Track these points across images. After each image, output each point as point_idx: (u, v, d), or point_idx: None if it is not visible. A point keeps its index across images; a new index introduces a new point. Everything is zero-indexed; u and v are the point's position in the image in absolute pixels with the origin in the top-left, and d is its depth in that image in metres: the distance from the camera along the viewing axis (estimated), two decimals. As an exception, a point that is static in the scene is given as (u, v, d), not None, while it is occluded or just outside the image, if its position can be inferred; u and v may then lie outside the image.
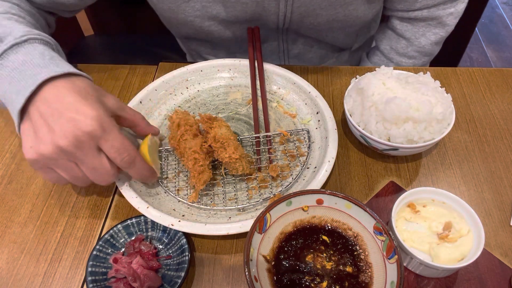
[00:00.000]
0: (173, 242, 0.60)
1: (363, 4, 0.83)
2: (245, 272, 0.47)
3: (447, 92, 0.70)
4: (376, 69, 0.72)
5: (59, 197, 0.67)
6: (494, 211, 0.64)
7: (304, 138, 0.73)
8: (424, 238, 0.57)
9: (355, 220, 0.55)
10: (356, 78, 0.73)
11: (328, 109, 0.73)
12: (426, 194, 0.60)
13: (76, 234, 0.63)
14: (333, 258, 0.54)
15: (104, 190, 0.68)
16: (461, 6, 0.89)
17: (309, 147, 0.71)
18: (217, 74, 0.83)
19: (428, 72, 0.71)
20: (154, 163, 0.64)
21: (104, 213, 0.65)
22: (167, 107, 0.79)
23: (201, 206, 0.64)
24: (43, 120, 0.53)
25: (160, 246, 0.60)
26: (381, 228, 0.52)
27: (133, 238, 0.60)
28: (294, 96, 0.79)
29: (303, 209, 0.57)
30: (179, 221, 0.59)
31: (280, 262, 0.53)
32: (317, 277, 0.52)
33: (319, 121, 0.74)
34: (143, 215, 0.60)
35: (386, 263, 0.51)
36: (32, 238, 0.63)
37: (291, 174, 0.68)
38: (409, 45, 0.95)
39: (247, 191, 0.66)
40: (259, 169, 0.69)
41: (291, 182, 0.67)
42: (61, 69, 0.55)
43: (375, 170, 0.70)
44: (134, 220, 0.61)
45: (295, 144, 0.72)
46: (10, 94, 0.55)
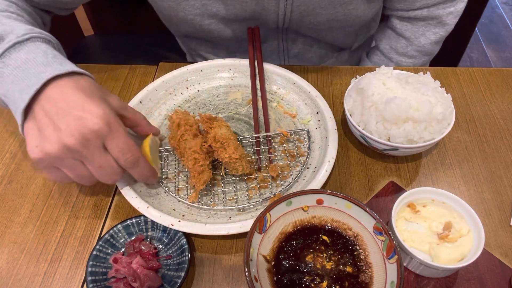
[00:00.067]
0: (173, 242, 0.60)
1: (363, 4, 0.83)
2: (245, 272, 0.47)
3: (447, 92, 0.70)
4: (376, 69, 0.72)
5: (59, 197, 0.67)
6: (494, 211, 0.64)
7: (304, 138, 0.73)
8: (424, 238, 0.57)
9: (355, 220, 0.55)
10: (356, 78, 0.73)
11: (328, 109, 0.73)
12: (426, 194, 0.60)
13: (76, 234, 0.63)
14: (333, 258, 0.54)
15: (104, 190, 0.68)
16: (461, 6, 0.89)
17: (309, 147, 0.71)
18: (217, 74, 0.83)
19: (428, 72, 0.71)
20: (155, 163, 0.64)
21: (104, 213, 0.65)
22: (167, 107, 0.79)
23: (201, 206, 0.64)
24: (48, 119, 0.52)
25: (160, 246, 0.60)
26: (381, 228, 0.52)
27: (133, 238, 0.60)
28: (294, 96, 0.79)
29: (303, 209, 0.57)
30: (179, 221, 0.59)
31: (280, 262, 0.53)
32: (317, 277, 0.52)
33: (319, 121, 0.74)
34: (143, 215, 0.60)
35: (386, 263, 0.51)
36: (32, 238, 0.62)
37: (291, 174, 0.68)
38: (409, 45, 0.95)
39: (247, 191, 0.66)
40: (259, 169, 0.69)
41: (291, 182, 0.67)
42: (65, 68, 0.55)
43: (375, 170, 0.70)
44: (134, 220, 0.61)
45: (295, 144, 0.72)
46: (13, 93, 0.55)
